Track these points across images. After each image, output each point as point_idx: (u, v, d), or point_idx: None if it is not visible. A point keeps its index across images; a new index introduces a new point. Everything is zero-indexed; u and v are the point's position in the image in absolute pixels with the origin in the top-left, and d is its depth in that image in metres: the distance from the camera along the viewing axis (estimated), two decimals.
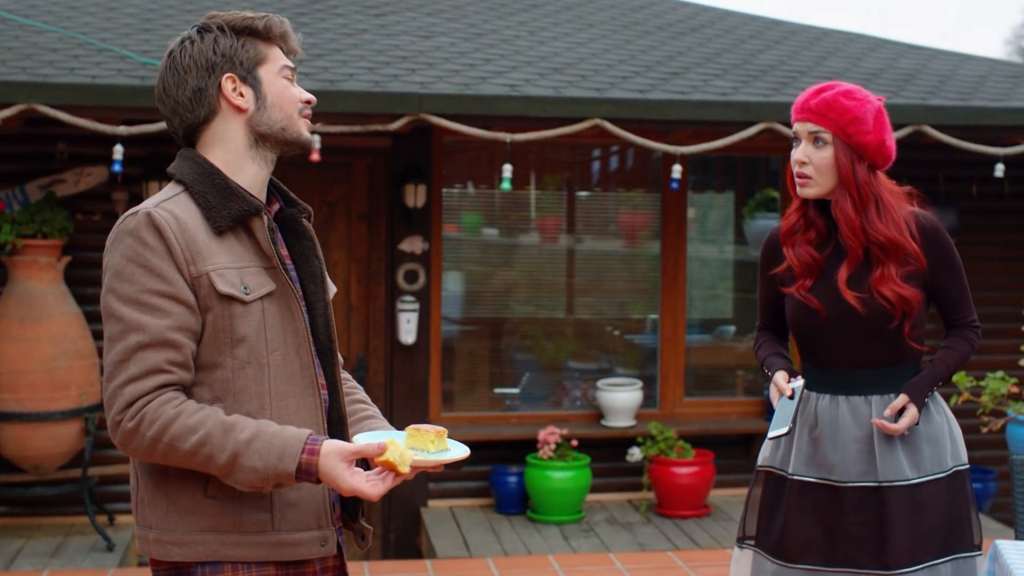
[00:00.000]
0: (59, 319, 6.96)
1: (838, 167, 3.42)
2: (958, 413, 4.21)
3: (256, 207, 2.51)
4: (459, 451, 2.51)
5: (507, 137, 6.85)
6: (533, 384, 8.42)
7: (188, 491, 2.45)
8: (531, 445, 7.70)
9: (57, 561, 6.70)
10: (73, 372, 6.94)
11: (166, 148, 7.29)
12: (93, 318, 7.21)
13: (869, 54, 8.82)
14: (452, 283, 8.29)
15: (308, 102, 2.64)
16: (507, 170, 6.86)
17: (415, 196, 7.65)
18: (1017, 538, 4.25)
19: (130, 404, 2.36)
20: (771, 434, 3.41)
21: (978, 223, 8.30)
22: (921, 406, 3.44)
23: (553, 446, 7.49)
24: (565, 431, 7.63)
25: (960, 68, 8.55)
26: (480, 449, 7.92)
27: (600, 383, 8.07)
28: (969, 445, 3.67)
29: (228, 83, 2.54)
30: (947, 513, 3.45)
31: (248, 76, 2.56)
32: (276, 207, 2.66)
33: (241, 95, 2.55)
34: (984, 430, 6.63)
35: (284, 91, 2.59)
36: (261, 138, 2.57)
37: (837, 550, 3.44)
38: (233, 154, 2.55)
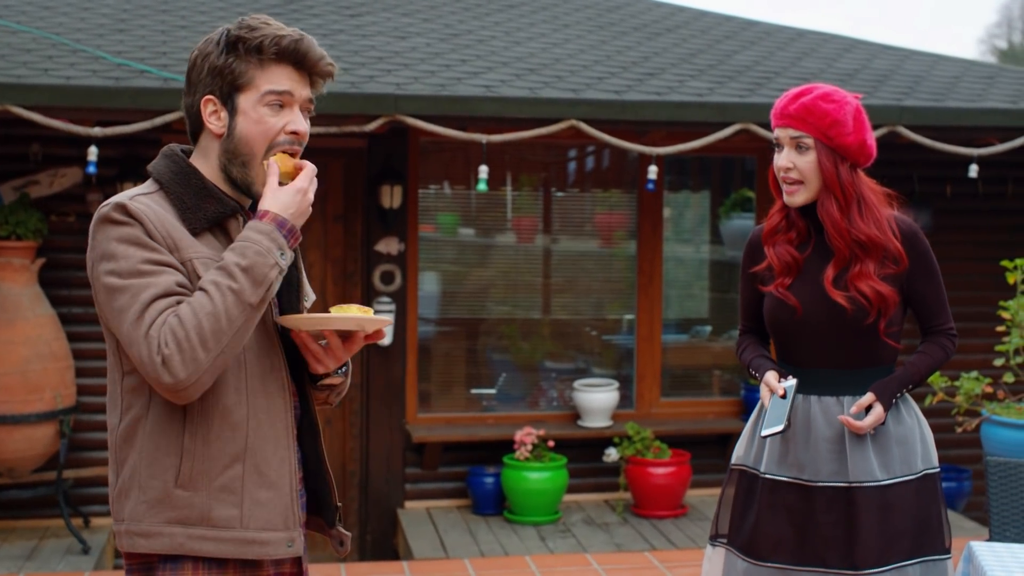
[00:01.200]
0: (33, 321, 6.92)
1: (822, 171, 3.45)
2: (933, 413, 4.24)
3: (232, 209, 2.50)
4: (382, 318, 2.52)
5: (483, 138, 6.84)
6: (510, 384, 8.42)
7: (159, 481, 2.42)
8: (508, 446, 7.69)
9: (32, 564, 6.66)
10: (48, 374, 6.90)
11: (141, 149, 7.26)
12: (68, 320, 7.18)
13: (844, 55, 8.86)
14: (428, 284, 8.28)
15: (293, 133, 2.51)
16: (483, 171, 6.85)
17: (391, 197, 7.64)
18: (991, 538, 4.28)
19: (158, 342, 2.31)
20: (765, 432, 3.42)
21: (952, 223, 8.34)
22: (888, 406, 3.45)
23: (530, 447, 7.49)
24: (542, 432, 7.64)
25: (934, 69, 8.59)
26: (457, 450, 7.93)
27: (577, 383, 8.08)
28: (944, 445, 3.69)
29: (208, 105, 2.50)
30: (917, 515, 3.46)
31: (227, 101, 2.49)
32: None
33: (219, 118, 2.50)
34: (959, 430, 6.66)
35: (256, 123, 2.48)
36: (229, 165, 2.51)
37: (807, 549, 3.46)
38: (212, 170, 2.53)
